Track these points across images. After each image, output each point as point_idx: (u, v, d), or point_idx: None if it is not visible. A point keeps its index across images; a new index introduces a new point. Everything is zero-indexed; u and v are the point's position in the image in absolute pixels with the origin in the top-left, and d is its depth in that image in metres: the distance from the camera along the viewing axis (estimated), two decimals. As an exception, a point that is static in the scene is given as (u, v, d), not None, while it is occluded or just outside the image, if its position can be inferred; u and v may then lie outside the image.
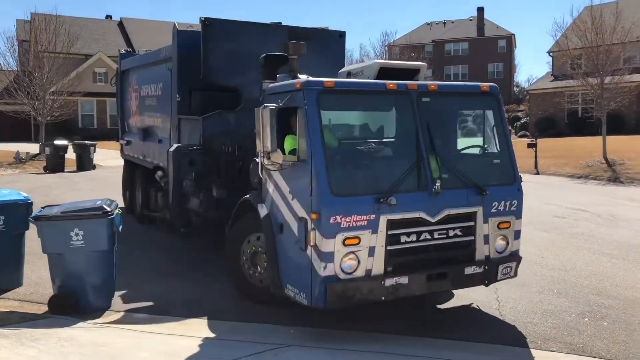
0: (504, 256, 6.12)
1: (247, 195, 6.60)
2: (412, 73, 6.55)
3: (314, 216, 5.27)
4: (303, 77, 6.43)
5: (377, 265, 5.43)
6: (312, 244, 5.29)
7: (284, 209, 5.81)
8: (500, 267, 6.04)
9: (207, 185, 7.94)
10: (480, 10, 68.27)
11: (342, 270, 5.32)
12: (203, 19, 8.13)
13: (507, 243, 6.14)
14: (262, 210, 6.18)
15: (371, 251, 5.39)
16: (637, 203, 14.23)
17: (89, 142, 23.71)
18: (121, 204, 11.34)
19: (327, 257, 5.25)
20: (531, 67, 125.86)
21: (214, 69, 8.31)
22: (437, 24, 71.21)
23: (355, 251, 5.34)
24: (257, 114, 5.72)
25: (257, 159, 6.45)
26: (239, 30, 8.47)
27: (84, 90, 34.82)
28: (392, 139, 6.50)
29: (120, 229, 6.58)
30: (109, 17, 52.71)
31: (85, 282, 6.32)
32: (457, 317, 6.40)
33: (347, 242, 5.28)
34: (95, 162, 23.52)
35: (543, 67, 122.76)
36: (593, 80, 23.64)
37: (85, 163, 22.93)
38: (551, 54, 42.07)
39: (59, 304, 6.27)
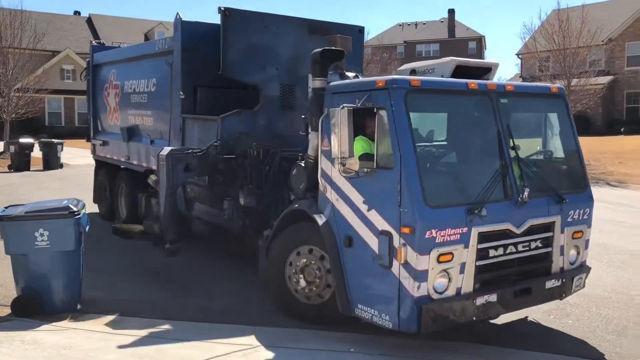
0: (576, 267, 5.87)
1: (296, 204, 6.08)
2: (483, 72, 6.17)
3: (405, 230, 4.78)
4: (351, 74, 6.22)
5: (467, 283, 5.03)
6: (402, 261, 4.81)
7: (354, 221, 5.29)
8: (575, 279, 5.79)
9: (224, 192, 7.31)
10: (451, 12, 69.03)
11: (435, 290, 4.89)
12: (223, 8, 7.46)
13: (579, 253, 5.90)
14: (322, 222, 5.61)
15: (462, 267, 4.97)
16: (601, 203, 14.50)
17: (56, 141, 23.24)
18: (91, 206, 10.92)
19: (421, 276, 4.78)
20: (500, 68, 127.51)
21: (235, 64, 7.64)
22: (408, 25, 71.74)
23: (448, 268, 4.90)
24: (332, 115, 5.17)
25: (301, 164, 6.05)
26: (260, 22, 7.80)
27: (51, 88, 34.07)
28: (475, 143, 5.86)
29: (87, 229, 6.47)
30: (77, 13, 51.72)
31: (51, 284, 6.19)
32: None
33: (441, 258, 4.83)
34: (62, 160, 23.06)
35: (512, 69, 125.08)
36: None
37: (52, 162, 22.46)
38: (520, 56, 42.72)
39: (23, 306, 6.12)
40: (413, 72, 6.11)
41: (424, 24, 70.83)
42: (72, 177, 19.09)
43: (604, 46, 33.94)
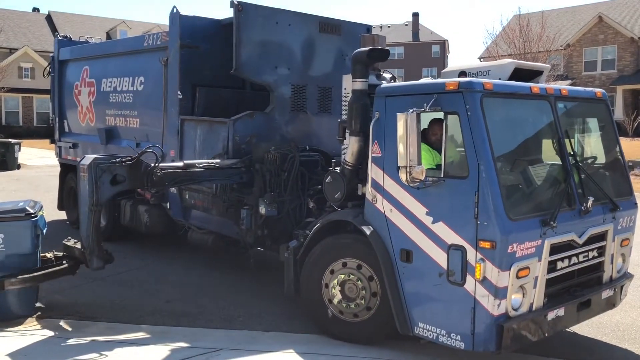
0: (621, 275, 5.70)
1: (334, 214, 5.71)
2: (535, 75, 5.91)
3: (485, 245, 4.47)
4: (388, 75, 6.02)
5: (538, 298, 4.79)
6: (479, 277, 4.50)
7: (414, 234, 4.94)
8: (623, 288, 5.65)
9: (238, 200, 6.81)
10: (416, 15, 70.09)
11: (512, 307, 4.62)
12: (236, 2, 6.98)
13: (624, 261, 5.72)
14: (371, 234, 5.21)
15: (535, 282, 4.73)
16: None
17: (13, 140, 22.66)
18: (52, 211, 10.56)
19: (502, 293, 4.50)
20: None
21: (248, 63, 7.14)
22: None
23: (524, 284, 4.64)
24: (400, 120, 4.67)
25: (336, 170, 5.70)
26: (273, 18, 7.34)
27: (7, 86, 33.23)
28: (540, 150, 5.51)
29: (44, 231, 6.31)
30: (36, 10, 50.46)
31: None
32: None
33: (519, 274, 4.57)
34: (20, 161, 22.49)
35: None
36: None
37: (9, 162, 21.87)
38: (482, 60, 43.60)
39: (-24, 311, 5.93)
40: (462, 73, 5.61)
41: (389, 26, 71.52)
42: (30, 179, 18.61)
43: (562, 51, 34.90)
